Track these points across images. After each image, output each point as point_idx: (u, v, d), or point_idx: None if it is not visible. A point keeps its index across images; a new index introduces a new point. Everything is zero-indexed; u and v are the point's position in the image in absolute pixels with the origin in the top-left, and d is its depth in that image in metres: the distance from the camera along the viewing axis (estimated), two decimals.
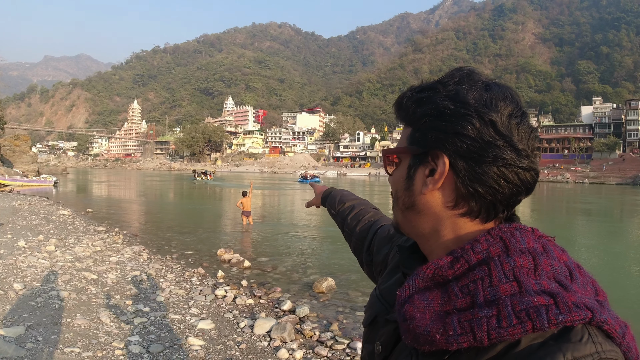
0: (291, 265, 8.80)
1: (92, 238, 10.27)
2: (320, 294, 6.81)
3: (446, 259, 0.63)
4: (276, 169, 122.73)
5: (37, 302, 5.09)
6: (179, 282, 6.89)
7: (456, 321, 0.57)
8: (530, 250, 0.61)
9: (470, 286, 0.59)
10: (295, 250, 10.59)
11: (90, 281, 6.29)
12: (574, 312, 0.53)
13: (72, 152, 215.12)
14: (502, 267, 0.58)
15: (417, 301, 0.62)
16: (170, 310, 5.36)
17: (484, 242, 0.62)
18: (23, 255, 7.48)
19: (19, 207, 15.90)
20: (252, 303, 6.00)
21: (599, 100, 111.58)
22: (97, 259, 7.87)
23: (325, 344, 4.66)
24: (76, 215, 15.08)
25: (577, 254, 11.12)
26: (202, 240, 11.49)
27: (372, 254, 1.11)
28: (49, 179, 36.32)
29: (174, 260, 8.87)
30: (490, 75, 0.67)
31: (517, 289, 0.56)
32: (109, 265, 7.50)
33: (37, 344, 3.96)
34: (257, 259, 9.29)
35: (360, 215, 1.26)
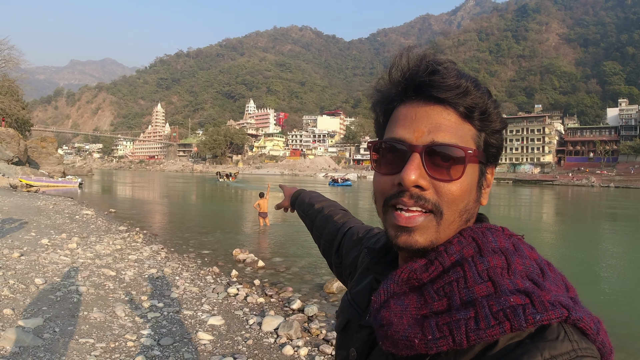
0: (304, 266, 8.93)
1: (113, 237, 10.58)
2: (331, 294, 6.91)
3: (420, 262, 0.63)
4: (297, 172, 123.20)
5: (57, 296, 5.32)
6: (194, 280, 7.08)
7: (434, 325, 0.56)
8: (502, 249, 0.60)
9: (445, 288, 0.59)
10: (310, 251, 10.69)
11: (108, 277, 6.52)
12: (550, 310, 0.53)
13: (97, 154, 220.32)
14: (476, 268, 0.58)
15: (394, 306, 0.61)
16: (183, 306, 5.54)
17: (456, 244, 0.62)
18: (45, 252, 7.78)
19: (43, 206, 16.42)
20: (262, 301, 6.14)
21: (625, 102, 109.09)
22: (117, 257, 8.13)
23: (331, 343, 4.75)
24: (99, 215, 15.50)
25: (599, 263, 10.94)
26: (219, 240, 11.71)
27: (341, 256, 1.09)
28: (74, 180, 37.26)
29: (191, 259, 9.08)
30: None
31: (493, 289, 0.56)
32: (127, 262, 7.75)
33: (54, 335, 4.17)
34: (271, 260, 9.46)
35: (329, 216, 1.24)
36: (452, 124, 0.64)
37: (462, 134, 0.64)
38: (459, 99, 0.63)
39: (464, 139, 0.64)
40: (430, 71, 0.64)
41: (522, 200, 37.34)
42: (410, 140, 0.64)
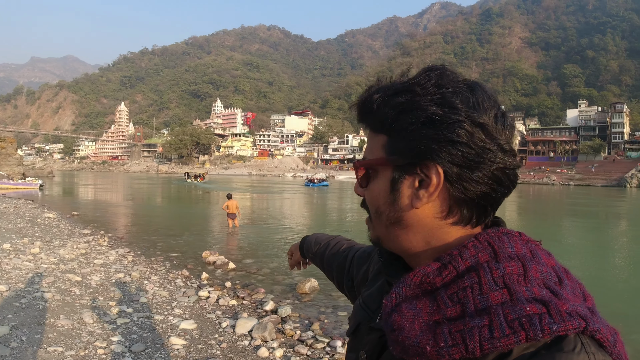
0: (276, 267, 8.91)
1: (77, 241, 10.29)
2: (303, 294, 6.93)
3: (433, 266, 0.62)
4: (265, 172, 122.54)
5: (22, 303, 5.15)
6: (163, 283, 6.98)
7: (447, 332, 0.55)
8: (519, 255, 0.59)
9: (459, 294, 0.58)
10: (281, 252, 10.69)
11: (74, 283, 6.35)
12: (567, 321, 0.52)
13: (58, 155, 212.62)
14: (492, 274, 0.57)
15: (405, 310, 0.60)
16: (153, 311, 5.45)
17: (472, 248, 0.61)
18: (8, 258, 7.51)
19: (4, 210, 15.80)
20: (235, 304, 6.11)
21: (585, 104, 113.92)
22: (82, 262, 7.92)
23: (306, 343, 4.79)
24: (61, 218, 15.03)
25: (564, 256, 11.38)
26: (187, 242, 11.55)
27: (352, 278, 1.09)
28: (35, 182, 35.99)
29: (159, 262, 8.94)
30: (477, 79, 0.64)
31: (508, 297, 0.55)
32: (93, 267, 7.56)
33: (21, 344, 4.04)
34: (242, 261, 9.39)
35: (336, 248, 1.25)
36: (369, 140, 0.70)
37: (374, 147, 0.68)
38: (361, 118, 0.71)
39: (374, 151, 0.68)
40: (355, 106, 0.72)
41: None
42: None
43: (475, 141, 0.61)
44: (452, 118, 0.61)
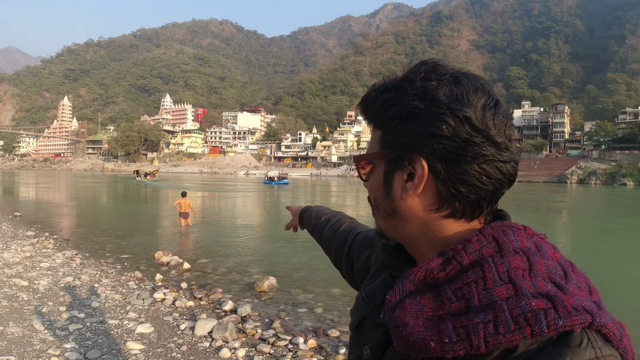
0: (232, 266, 8.83)
1: (21, 243, 9.78)
2: (262, 292, 6.92)
3: (437, 261, 0.61)
4: (216, 169, 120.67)
5: None
6: (115, 286, 6.76)
7: (451, 328, 0.55)
8: (524, 249, 0.59)
9: (464, 289, 0.57)
10: (237, 250, 10.61)
11: (21, 288, 6.05)
12: (573, 316, 0.51)
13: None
14: (497, 269, 0.57)
15: (409, 306, 0.60)
16: (106, 315, 5.29)
17: (476, 242, 0.60)
18: None
19: None
20: (192, 305, 6.02)
21: (528, 104, 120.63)
22: (28, 265, 7.54)
23: (268, 341, 4.80)
24: (3, 220, 14.21)
25: None
26: (138, 243, 11.21)
27: (352, 262, 1.08)
28: None
29: (109, 264, 8.64)
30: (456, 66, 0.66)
31: (513, 292, 0.54)
32: (40, 271, 7.22)
33: None
34: (197, 261, 9.23)
35: (337, 226, 1.25)
36: (371, 136, 0.71)
37: (372, 141, 0.70)
38: (364, 114, 0.71)
39: (372, 145, 0.69)
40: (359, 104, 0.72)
41: None
42: None
43: (459, 134, 0.60)
44: (432, 111, 0.61)
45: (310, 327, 5.41)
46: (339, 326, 5.46)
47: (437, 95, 0.61)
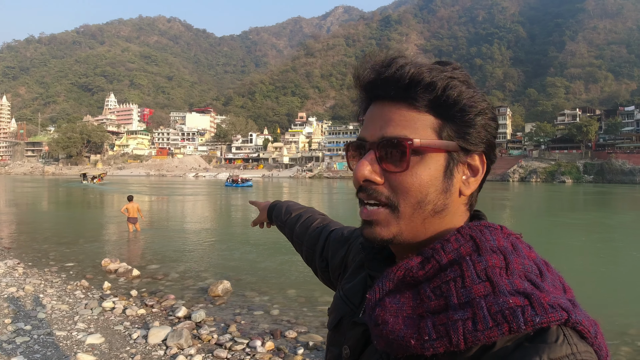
0: (184, 271, 8.66)
1: None
2: (216, 297, 6.84)
3: (416, 259, 0.62)
4: (164, 172, 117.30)
5: None
6: (61, 296, 6.49)
7: (431, 325, 0.55)
8: (500, 248, 0.60)
9: (442, 287, 0.58)
10: (188, 255, 10.42)
11: None
12: (550, 313, 0.52)
13: None
14: (475, 267, 0.58)
15: (389, 304, 0.60)
16: (54, 327, 5.07)
17: (454, 242, 0.61)
18: None
19: None
20: (144, 313, 5.87)
21: None
22: None
23: (224, 346, 4.77)
24: None
25: None
26: (84, 250, 10.77)
27: (326, 260, 1.07)
28: None
29: (54, 273, 8.26)
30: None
31: (491, 290, 0.55)
32: None
33: None
34: (146, 267, 8.98)
35: (309, 222, 1.23)
36: (403, 117, 0.64)
37: (416, 126, 0.63)
38: (404, 92, 0.63)
39: (418, 130, 0.63)
40: (374, 73, 0.66)
41: None
42: (367, 138, 0.66)
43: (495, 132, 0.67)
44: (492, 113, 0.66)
45: (267, 329, 5.43)
46: (296, 327, 5.51)
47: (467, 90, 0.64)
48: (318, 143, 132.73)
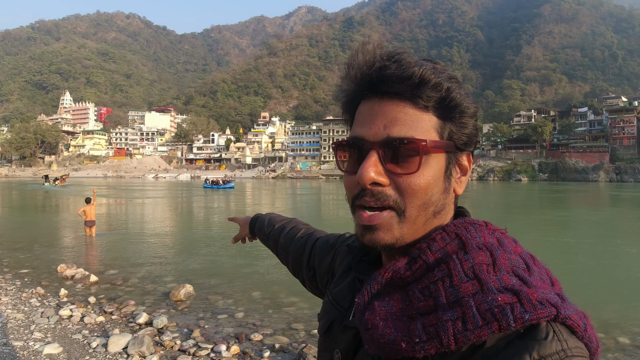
0: (144, 276, 8.49)
1: None
2: (179, 302, 6.74)
3: (403, 260, 0.62)
4: (122, 173, 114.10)
5: None
6: (16, 304, 6.26)
7: (421, 327, 0.55)
8: (486, 245, 0.60)
9: (431, 287, 0.58)
10: (148, 259, 10.21)
11: None
12: (539, 309, 0.52)
13: None
14: (462, 265, 0.57)
15: (378, 307, 0.60)
16: (10, 337, 4.90)
17: (440, 240, 0.61)
18: None
19: None
20: (103, 320, 5.73)
21: None
22: None
23: (188, 352, 4.74)
24: None
25: None
26: (38, 256, 10.38)
27: (313, 268, 1.06)
28: None
29: (7, 281, 7.93)
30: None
31: (479, 287, 0.55)
32: None
33: None
34: (105, 273, 8.74)
35: (293, 233, 1.22)
36: (409, 116, 0.62)
37: (421, 126, 0.62)
38: (413, 91, 0.62)
39: (423, 130, 0.62)
40: (380, 66, 0.63)
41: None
42: (368, 137, 0.63)
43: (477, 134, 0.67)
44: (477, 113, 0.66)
45: (232, 333, 5.41)
46: (261, 329, 5.53)
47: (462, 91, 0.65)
48: (281, 143, 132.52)
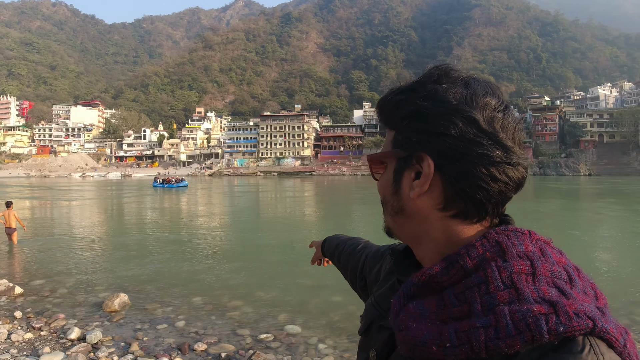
0: (74, 285, 7.98)
1: None
2: (113, 312, 6.39)
3: (441, 265, 0.62)
4: (46, 172, 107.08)
5: None
6: None
7: (453, 332, 0.56)
8: (528, 254, 0.59)
9: (466, 293, 0.58)
10: (78, 267, 9.59)
11: None
12: (574, 322, 0.51)
13: None
14: (500, 273, 0.57)
15: (413, 309, 0.61)
16: None
17: (479, 247, 0.61)
18: None
19: None
20: (31, 337, 5.33)
21: (368, 105, 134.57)
22: None
23: None
24: None
25: None
26: None
27: (364, 278, 1.09)
28: None
29: None
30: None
31: (515, 297, 0.55)
32: None
33: None
34: (30, 283, 8.13)
35: (352, 248, 1.27)
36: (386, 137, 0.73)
37: (386, 142, 0.72)
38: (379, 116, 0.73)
39: (385, 145, 0.71)
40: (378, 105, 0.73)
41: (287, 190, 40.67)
42: None
43: (465, 135, 0.62)
44: (440, 111, 0.63)
45: (174, 344, 5.21)
46: (205, 338, 5.38)
47: (447, 96, 0.64)
48: (217, 139, 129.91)
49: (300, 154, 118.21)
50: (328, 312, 6.50)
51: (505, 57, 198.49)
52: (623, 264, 10.10)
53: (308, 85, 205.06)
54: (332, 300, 7.04)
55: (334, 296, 7.20)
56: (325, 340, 5.40)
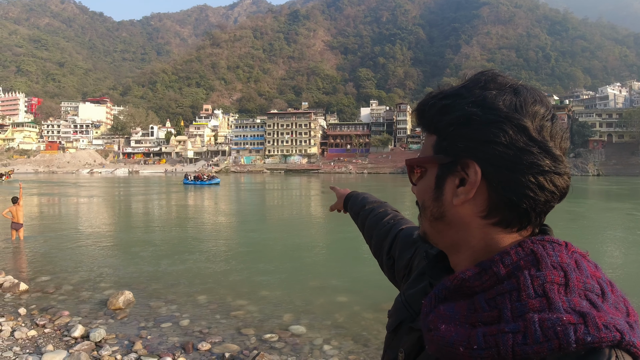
0: (79, 282, 7.95)
1: None
2: (117, 310, 6.36)
3: (474, 270, 0.63)
4: (55, 169, 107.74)
5: None
6: None
7: (481, 335, 0.56)
8: (562, 265, 0.59)
9: (497, 299, 0.58)
10: (83, 263, 9.58)
11: None
12: (602, 333, 0.52)
13: None
14: (532, 282, 0.57)
15: (443, 311, 0.62)
16: None
17: (514, 255, 0.61)
18: None
19: None
20: (35, 334, 5.31)
21: (375, 103, 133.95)
22: None
23: None
24: None
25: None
26: None
27: (393, 258, 1.10)
28: None
29: None
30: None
31: (546, 305, 0.55)
32: None
33: None
34: (36, 280, 8.12)
35: (380, 217, 1.26)
36: (424, 140, 0.73)
37: (425, 146, 0.72)
38: (419, 120, 0.72)
39: (425, 150, 0.71)
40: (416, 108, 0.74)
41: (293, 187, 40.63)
42: None
43: (515, 143, 0.61)
44: (490, 119, 0.62)
45: (178, 343, 5.17)
46: (209, 337, 5.33)
47: (496, 103, 0.63)
48: (224, 137, 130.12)
49: (307, 152, 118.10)
50: (333, 312, 6.44)
51: (513, 55, 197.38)
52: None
53: (315, 83, 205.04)
54: (337, 301, 6.99)
55: (339, 296, 7.16)
56: (330, 341, 5.33)
